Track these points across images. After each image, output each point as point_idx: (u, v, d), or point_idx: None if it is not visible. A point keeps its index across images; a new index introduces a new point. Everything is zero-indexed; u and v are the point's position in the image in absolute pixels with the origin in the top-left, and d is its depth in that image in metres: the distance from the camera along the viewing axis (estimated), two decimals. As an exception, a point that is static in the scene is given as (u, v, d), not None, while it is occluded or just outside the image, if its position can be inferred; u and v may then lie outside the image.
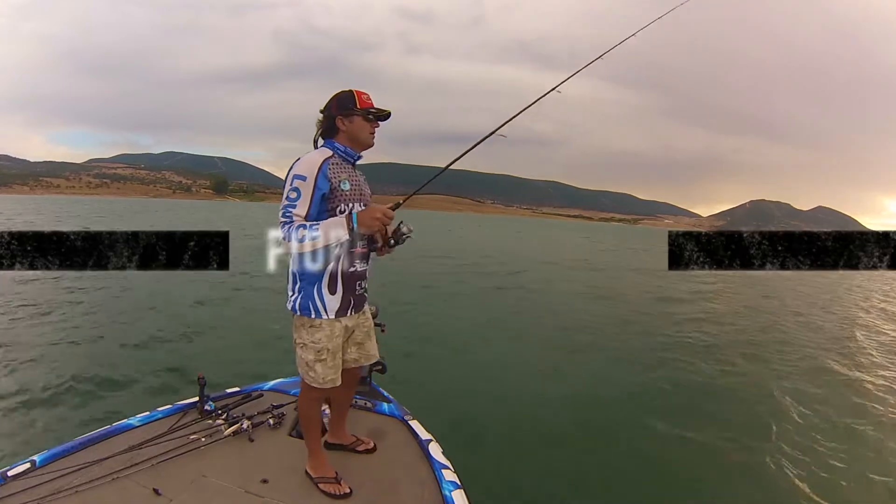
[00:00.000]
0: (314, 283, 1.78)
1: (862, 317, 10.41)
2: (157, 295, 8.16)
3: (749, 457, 3.65)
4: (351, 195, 1.80)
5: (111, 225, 23.42)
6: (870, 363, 6.45)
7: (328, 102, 1.85)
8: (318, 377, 1.83)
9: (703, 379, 5.42)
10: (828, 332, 8.39)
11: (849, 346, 7.41)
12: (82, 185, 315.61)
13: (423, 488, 1.93)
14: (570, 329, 7.55)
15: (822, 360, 6.43)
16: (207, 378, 2.40)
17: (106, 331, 5.87)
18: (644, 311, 9.52)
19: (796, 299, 12.40)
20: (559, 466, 3.33)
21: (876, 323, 9.76)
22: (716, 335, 7.68)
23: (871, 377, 5.79)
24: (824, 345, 7.35)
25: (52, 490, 1.72)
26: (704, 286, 13.79)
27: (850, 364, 6.31)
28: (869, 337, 8.22)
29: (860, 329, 8.90)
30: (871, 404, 4.86)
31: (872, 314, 10.89)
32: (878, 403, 4.89)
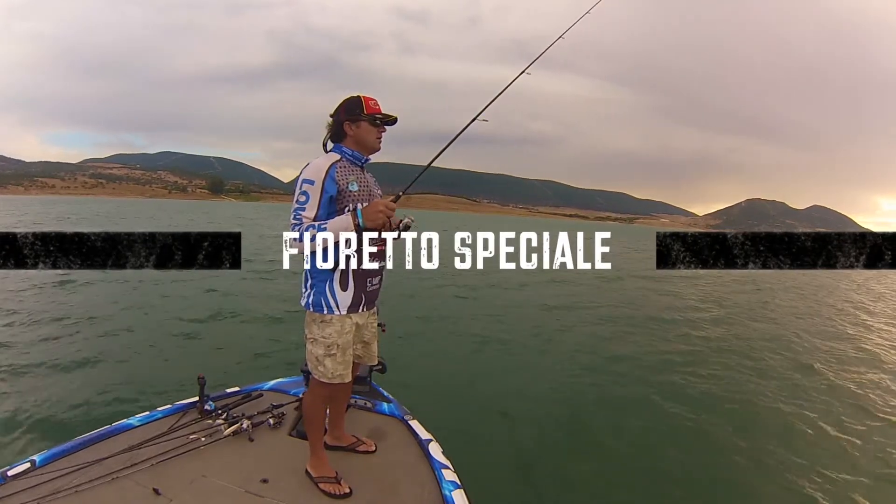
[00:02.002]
0: (326, 280, 1.84)
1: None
2: (156, 294, 8.13)
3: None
4: (359, 195, 1.85)
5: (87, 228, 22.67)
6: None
7: (337, 108, 1.90)
8: (328, 372, 1.87)
9: (706, 378, 5.43)
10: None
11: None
12: (77, 185, 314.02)
13: (423, 488, 1.93)
14: (570, 326, 7.55)
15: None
16: (207, 378, 2.41)
17: (107, 329, 5.85)
18: (645, 309, 9.56)
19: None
20: (559, 466, 3.34)
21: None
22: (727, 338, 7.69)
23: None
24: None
25: (52, 490, 1.72)
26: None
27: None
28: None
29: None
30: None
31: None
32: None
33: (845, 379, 5.68)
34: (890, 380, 5.75)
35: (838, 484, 3.35)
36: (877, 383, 5.60)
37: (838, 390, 5.28)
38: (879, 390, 5.36)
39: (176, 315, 6.78)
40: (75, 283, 8.72)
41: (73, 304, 7.19)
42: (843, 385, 5.46)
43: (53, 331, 5.72)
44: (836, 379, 5.65)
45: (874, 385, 5.53)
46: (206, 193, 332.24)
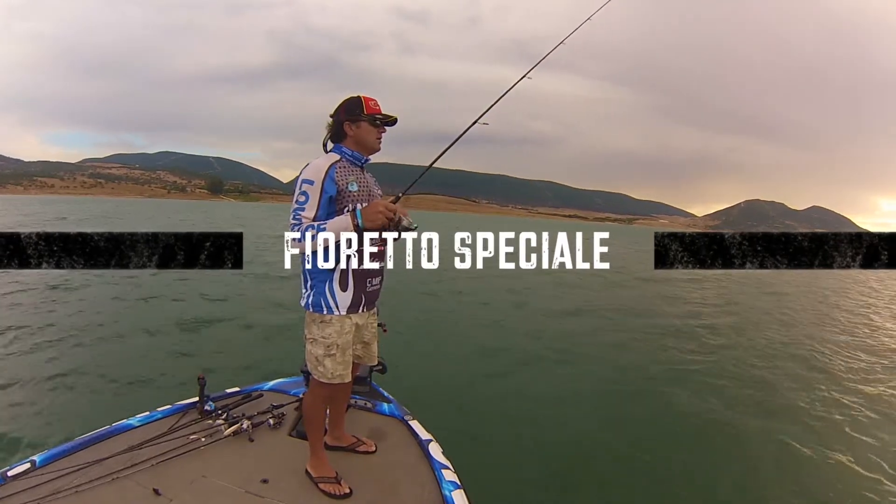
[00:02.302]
0: (326, 280, 1.84)
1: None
2: (156, 294, 8.12)
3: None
4: (359, 196, 1.85)
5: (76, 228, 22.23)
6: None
7: (337, 108, 1.90)
8: (328, 372, 1.87)
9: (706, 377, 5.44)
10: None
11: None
12: (77, 185, 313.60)
13: (423, 488, 1.93)
14: (570, 326, 7.56)
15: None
16: (207, 378, 2.41)
17: (103, 330, 5.84)
18: (648, 310, 9.55)
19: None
20: (559, 466, 3.34)
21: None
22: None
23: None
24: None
25: (52, 490, 1.72)
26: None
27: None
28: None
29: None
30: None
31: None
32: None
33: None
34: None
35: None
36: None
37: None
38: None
39: (176, 315, 6.77)
40: (75, 283, 8.70)
41: (73, 304, 7.18)
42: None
43: (53, 331, 5.70)
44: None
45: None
46: (205, 193, 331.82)
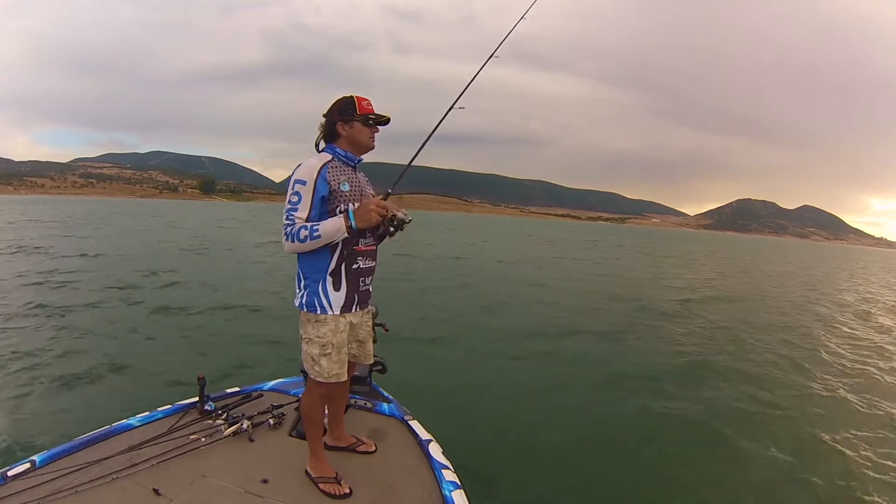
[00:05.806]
0: (319, 280, 1.85)
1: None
2: (156, 295, 8.06)
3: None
4: (351, 195, 1.86)
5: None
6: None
7: (330, 108, 1.90)
8: (324, 371, 1.88)
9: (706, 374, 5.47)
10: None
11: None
12: (67, 184, 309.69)
13: (423, 488, 1.94)
14: (570, 327, 7.58)
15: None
16: (207, 378, 2.41)
17: (103, 329, 5.80)
18: (647, 304, 9.63)
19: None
20: (559, 466, 3.34)
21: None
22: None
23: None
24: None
25: (52, 490, 1.71)
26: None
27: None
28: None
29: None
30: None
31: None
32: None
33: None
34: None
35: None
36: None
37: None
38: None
39: (176, 315, 6.75)
40: (74, 284, 8.62)
41: (73, 303, 7.11)
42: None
43: (53, 331, 5.67)
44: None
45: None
46: (197, 193, 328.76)
